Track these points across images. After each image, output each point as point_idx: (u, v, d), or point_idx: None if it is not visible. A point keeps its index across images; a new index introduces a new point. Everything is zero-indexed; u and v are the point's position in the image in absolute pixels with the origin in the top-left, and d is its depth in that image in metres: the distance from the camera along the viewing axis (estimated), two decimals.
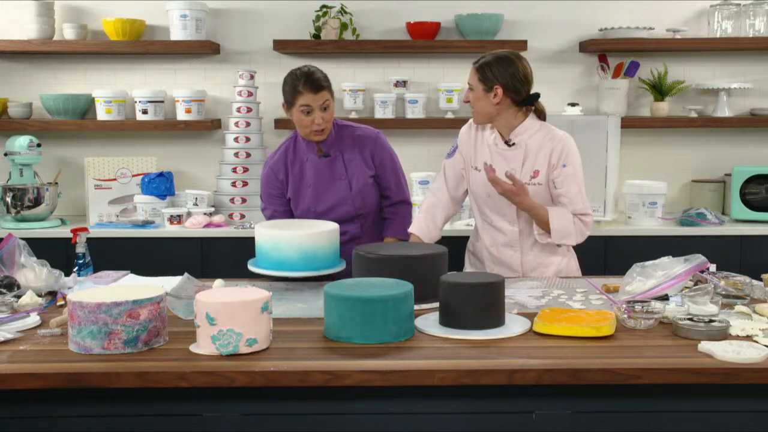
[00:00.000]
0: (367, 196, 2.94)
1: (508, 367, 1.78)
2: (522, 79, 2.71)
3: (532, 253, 2.84)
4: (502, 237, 2.85)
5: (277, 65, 4.29)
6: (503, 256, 2.86)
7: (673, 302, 2.20)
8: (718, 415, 1.85)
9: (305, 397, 1.81)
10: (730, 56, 4.32)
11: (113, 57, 4.28)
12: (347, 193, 2.90)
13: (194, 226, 3.86)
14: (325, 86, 2.78)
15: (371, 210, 2.98)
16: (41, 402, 1.81)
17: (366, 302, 1.93)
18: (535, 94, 2.76)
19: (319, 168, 2.90)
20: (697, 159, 4.38)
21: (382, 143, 2.98)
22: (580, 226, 2.75)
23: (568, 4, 4.28)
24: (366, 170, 2.93)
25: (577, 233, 2.75)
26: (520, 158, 2.78)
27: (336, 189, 2.91)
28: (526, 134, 2.78)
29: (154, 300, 1.91)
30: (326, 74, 2.84)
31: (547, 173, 2.76)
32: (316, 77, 2.77)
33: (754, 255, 3.82)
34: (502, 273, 2.76)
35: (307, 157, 2.92)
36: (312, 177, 2.91)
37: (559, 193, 2.75)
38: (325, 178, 2.90)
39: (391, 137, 3.06)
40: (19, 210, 3.86)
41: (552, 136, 2.77)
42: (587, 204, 2.77)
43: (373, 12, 4.28)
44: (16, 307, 2.26)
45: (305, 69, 2.80)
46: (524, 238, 2.83)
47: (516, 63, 2.71)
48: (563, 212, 2.73)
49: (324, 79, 2.80)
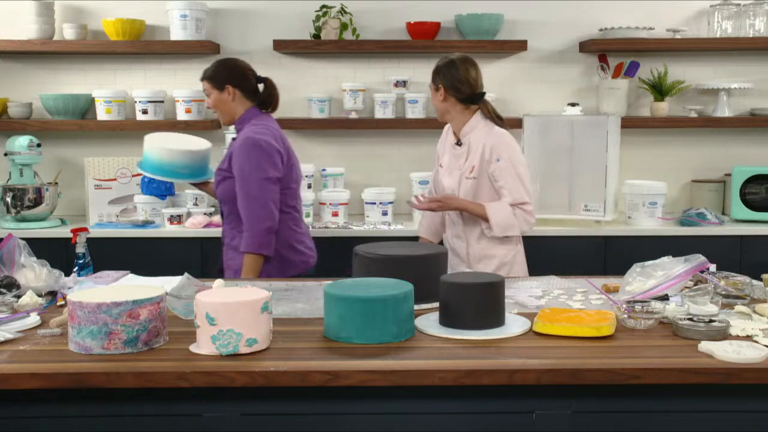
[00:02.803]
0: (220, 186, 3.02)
1: (508, 367, 1.78)
2: (462, 80, 2.99)
3: (479, 245, 3.05)
4: (452, 228, 3.15)
5: (277, 65, 4.29)
6: (455, 245, 3.13)
7: (673, 302, 2.20)
8: (718, 415, 1.85)
9: (305, 397, 1.81)
10: (730, 56, 4.32)
11: (113, 57, 4.28)
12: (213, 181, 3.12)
13: (194, 226, 3.86)
14: (203, 78, 3.07)
15: (224, 199, 3.02)
16: (41, 402, 1.81)
17: (366, 302, 1.93)
18: (479, 93, 3.02)
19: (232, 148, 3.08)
20: (697, 159, 4.38)
21: (239, 153, 2.94)
22: (521, 215, 2.95)
23: (568, 4, 4.28)
24: (224, 164, 3.03)
25: (520, 222, 2.96)
26: (464, 155, 3.06)
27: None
28: (472, 133, 3.05)
29: (154, 300, 1.91)
30: (219, 68, 3.04)
31: (481, 168, 3.00)
32: (205, 69, 3.08)
33: (754, 255, 3.82)
34: (454, 261, 3.07)
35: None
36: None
37: (500, 185, 2.98)
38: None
39: (391, 137, 3.07)
40: (19, 210, 3.86)
41: (489, 133, 3.01)
42: (523, 193, 2.96)
43: (373, 12, 4.28)
44: (16, 307, 2.26)
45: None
46: (469, 229, 3.07)
47: (458, 66, 3.01)
48: (501, 206, 2.96)
49: (208, 71, 3.06)
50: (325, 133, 4.35)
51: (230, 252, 3.04)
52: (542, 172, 3.91)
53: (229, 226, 3.06)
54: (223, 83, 3.02)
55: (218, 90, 3.03)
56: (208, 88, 3.06)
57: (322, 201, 4.01)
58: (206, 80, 3.06)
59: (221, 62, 3.09)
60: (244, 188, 2.91)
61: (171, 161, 3.18)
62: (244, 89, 3.04)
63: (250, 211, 2.90)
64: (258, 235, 2.90)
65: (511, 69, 4.34)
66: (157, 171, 3.20)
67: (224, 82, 3.02)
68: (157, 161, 3.20)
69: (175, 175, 3.22)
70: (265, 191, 2.92)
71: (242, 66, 3.09)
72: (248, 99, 3.06)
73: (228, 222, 3.06)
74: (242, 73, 3.05)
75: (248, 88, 3.05)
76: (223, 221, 3.11)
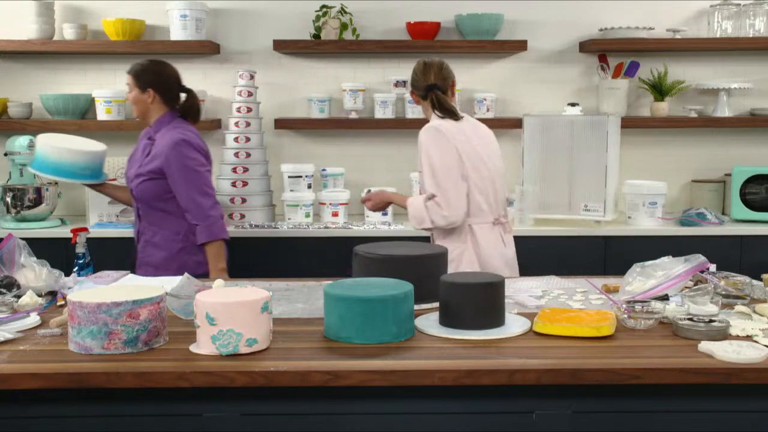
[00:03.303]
0: (143, 187, 3.12)
1: (508, 367, 1.78)
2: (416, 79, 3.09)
3: (438, 240, 3.04)
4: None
5: (277, 65, 4.29)
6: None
7: (673, 302, 2.20)
8: (718, 415, 1.85)
9: (305, 397, 1.81)
10: (730, 56, 4.32)
11: (113, 57, 4.28)
12: (133, 173, 3.18)
13: None
14: (130, 71, 3.18)
15: (147, 199, 3.14)
16: (41, 402, 1.81)
17: (366, 302, 1.93)
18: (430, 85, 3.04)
19: (140, 144, 3.25)
20: (697, 159, 4.38)
21: (175, 153, 3.08)
22: (432, 207, 2.93)
23: (568, 4, 4.28)
24: (150, 165, 3.11)
25: (432, 215, 2.93)
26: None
27: (133, 167, 3.20)
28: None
29: (154, 300, 1.91)
30: (147, 69, 3.15)
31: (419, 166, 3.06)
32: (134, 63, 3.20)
33: (754, 255, 3.82)
34: None
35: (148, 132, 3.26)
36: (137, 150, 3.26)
37: (420, 180, 3.05)
38: (137, 154, 3.23)
39: (391, 137, 3.07)
40: (19, 210, 3.86)
41: (425, 128, 3.03)
42: (434, 186, 2.93)
43: (373, 12, 4.28)
44: (16, 307, 2.26)
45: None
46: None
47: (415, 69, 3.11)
48: (416, 200, 3.00)
49: (136, 66, 3.17)
50: (325, 133, 4.35)
51: (150, 248, 3.14)
52: (542, 172, 3.91)
53: (147, 223, 3.18)
54: (146, 85, 3.15)
55: (140, 89, 3.16)
56: (131, 83, 3.19)
57: (322, 201, 4.01)
58: (132, 75, 3.18)
59: (151, 64, 3.21)
60: (189, 183, 3.08)
61: (73, 162, 3.30)
62: (164, 95, 3.18)
63: (202, 203, 3.09)
64: (215, 223, 3.11)
65: (511, 69, 4.34)
66: (57, 172, 3.31)
67: (147, 84, 3.15)
68: (55, 162, 3.30)
69: (75, 176, 3.34)
70: (209, 182, 3.16)
71: (169, 73, 3.22)
72: (166, 105, 3.20)
73: (146, 220, 3.18)
74: (167, 81, 3.20)
75: (169, 95, 3.20)
76: (139, 220, 3.22)
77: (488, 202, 3.03)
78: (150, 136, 3.20)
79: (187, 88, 3.25)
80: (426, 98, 3.08)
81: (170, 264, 3.10)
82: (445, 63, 3.11)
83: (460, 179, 2.95)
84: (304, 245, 3.80)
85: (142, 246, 3.19)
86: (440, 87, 3.05)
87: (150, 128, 3.22)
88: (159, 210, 3.14)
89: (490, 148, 3.09)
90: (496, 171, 3.07)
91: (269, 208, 4.06)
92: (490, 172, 3.03)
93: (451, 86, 3.11)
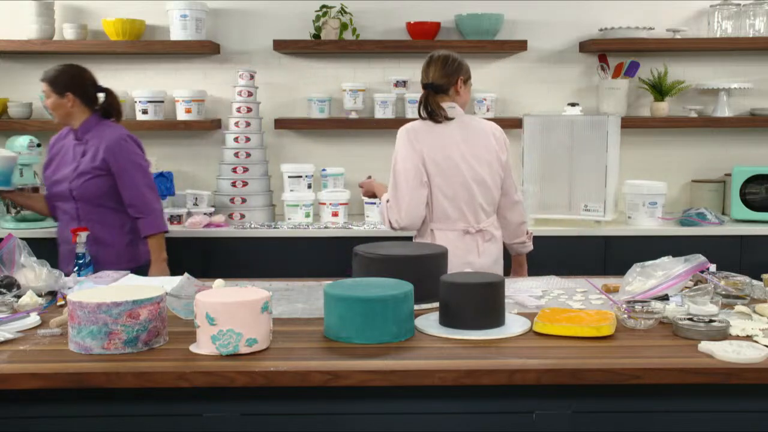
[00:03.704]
0: (89, 185, 3.19)
1: (508, 367, 1.78)
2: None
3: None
4: None
5: (277, 65, 4.29)
6: None
7: (673, 302, 2.20)
8: (718, 415, 1.85)
9: (305, 397, 1.81)
10: (730, 56, 4.32)
11: (113, 57, 4.28)
12: (71, 174, 3.22)
13: (194, 226, 3.86)
14: (44, 79, 3.21)
15: (91, 197, 3.20)
16: (41, 402, 1.81)
17: (366, 302, 1.93)
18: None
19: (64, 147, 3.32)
20: (697, 159, 4.38)
21: (122, 149, 3.20)
22: (384, 210, 2.95)
23: (568, 4, 4.28)
24: (93, 163, 3.19)
25: (390, 215, 2.92)
26: None
27: (64, 169, 3.25)
28: None
29: (154, 300, 1.91)
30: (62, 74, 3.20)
31: None
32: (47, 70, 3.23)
33: (754, 255, 3.82)
34: None
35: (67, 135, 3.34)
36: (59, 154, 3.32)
37: None
38: (67, 157, 3.28)
39: (391, 137, 3.06)
40: (19, 210, 3.85)
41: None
42: (391, 188, 2.91)
43: (373, 12, 4.28)
44: (16, 307, 2.26)
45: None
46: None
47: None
48: (384, 198, 2.98)
49: (50, 73, 3.21)
50: (325, 133, 4.35)
51: (94, 247, 3.13)
52: (542, 172, 3.91)
53: (89, 222, 3.21)
54: (64, 90, 3.20)
55: (58, 95, 3.21)
56: (47, 90, 3.22)
57: (322, 201, 4.01)
58: (47, 83, 3.22)
59: (65, 69, 3.26)
60: (136, 179, 3.21)
61: None
62: (83, 98, 3.24)
63: (147, 197, 3.23)
64: (158, 216, 3.26)
65: (511, 69, 4.34)
66: None
67: (65, 89, 3.20)
68: None
69: None
70: (151, 177, 3.31)
71: (84, 76, 3.28)
72: (87, 107, 3.26)
73: (88, 219, 3.22)
74: (82, 83, 3.25)
75: (88, 97, 3.26)
76: (78, 221, 3.24)
77: (458, 209, 2.90)
78: (77, 137, 3.26)
79: (104, 87, 3.31)
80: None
81: (121, 258, 3.20)
82: (452, 57, 2.97)
83: (419, 186, 2.86)
84: (304, 245, 3.80)
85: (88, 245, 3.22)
86: (439, 86, 2.92)
87: (72, 131, 3.28)
88: (102, 207, 3.22)
89: (476, 153, 2.91)
90: (475, 177, 2.89)
91: (269, 208, 4.07)
92: (465, 178, 2.88)
93: (460, 81, 2.95)
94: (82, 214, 3.23)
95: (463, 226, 2.92)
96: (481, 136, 2.96)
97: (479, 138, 2.95)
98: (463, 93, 2.99)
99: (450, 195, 2.89)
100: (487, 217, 2.97)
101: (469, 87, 3.03)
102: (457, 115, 2.95)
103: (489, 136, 2.97)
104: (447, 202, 2.90)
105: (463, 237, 2.91)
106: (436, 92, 2.94)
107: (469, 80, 3.02)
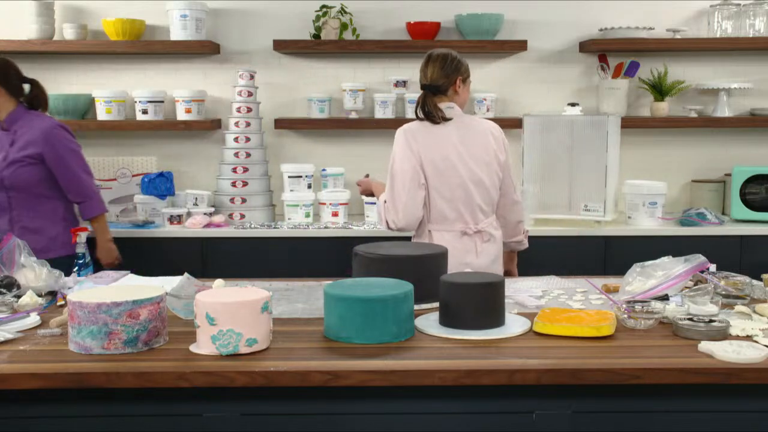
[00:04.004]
0: (20, 173, 3.21)
1: (508, 367, 1.78)
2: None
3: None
4: None
5: (277, 65, 4.29)
6: None
7: (673, 302, 2.20)
8: (718, 415, 1.85)
9: (305, 397, 1.81)
10: (730, 56, 4.32)
11: (113, 57, 4.28)
12: (0, 164, 3.23)
13: (194, 226, 3.86)
14: None
15: (23, 185, 3.23)
16: (41, 402, 1.81)
17: (366, 302, 1.93)
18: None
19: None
20: (697, 159, 4.38)
21: (56, 138, 3.26)
22: (381, 210, 2.96)
23: (568, 4, 4.28)
24: (26, 152, 3.22)
25: (387, 215, 2.93)
26: None
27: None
28: None
29: (154, 300, 1.91)
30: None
31: None
32: None
33: (754, 255, 3.82)
34: None
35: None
36: None
37: None
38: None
39: (391, 137, 3.05)
40: None
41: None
42: (389, 189, 2.92)
43: (373, 12, 4.28)
44: (16, 307, 2.26)
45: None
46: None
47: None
48: (381, 198, 2.99)
49: None
50: (325, 133, 4.35)
51: (28, 235, 3.15)
52: (542, 172, 3.91)
53: (23, 210, 3.25)
54: None
55: None
56: None
57: (322, 201, 4.01)
58: None
59: None
60: (72, 165, 3.28)
61: None
62: (8, 89, 3.27)
63: (85, 182, 3.34)
64: (98, 198, 3.39)
65: (511, 69, 4.34)
66: None
67: None
68: None
69: None
70: (86, 162, 3.38)
71: (8, 66, 3.30)
72: (13, 97, 3.29)
73: (20, 208, 3.25)
74: (7, 74, 3.28)
75: (12, 88, 3.29)
76: (10, 209, 3.26)
77: (455, 210, 2.89)
78: (3, 128, 3.28)
79: (29, 78, 3.34)
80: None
81: (56, 245, 3.24)
82: (451, 56, 2.94)
83: (416, 187, 2.86)
84: (304, 245, 3.80)
85: (19, 234, 3.17)
86: (437, 87, 2.91)
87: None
88: (35, 195, 3.26)
89: (474, 153, 2.90)
90: (473, 178, 2.89)
91: (269, 208, 4.07)
92: (462, 179, 2.87)
93: (459, 81, 2.93)
94: (14, 203, 3.25)
95: (460, 227, 2.91)
96: (480, 137, 2.94)
97: (477, 138, 2.94)
98: (462, 92, 2.98)
99: (447, 196, 2.89)
100: (486, 217, 2.97)
101: (468, 86, 3.01)
102: (456, 116, 2.94)
103: (488, 137, 2.96)
104: (444, 203, 2.89)
105: (461, 238, 2.91)
106: (435, 93, 2.93)
107: (468, 79, 3.01)
